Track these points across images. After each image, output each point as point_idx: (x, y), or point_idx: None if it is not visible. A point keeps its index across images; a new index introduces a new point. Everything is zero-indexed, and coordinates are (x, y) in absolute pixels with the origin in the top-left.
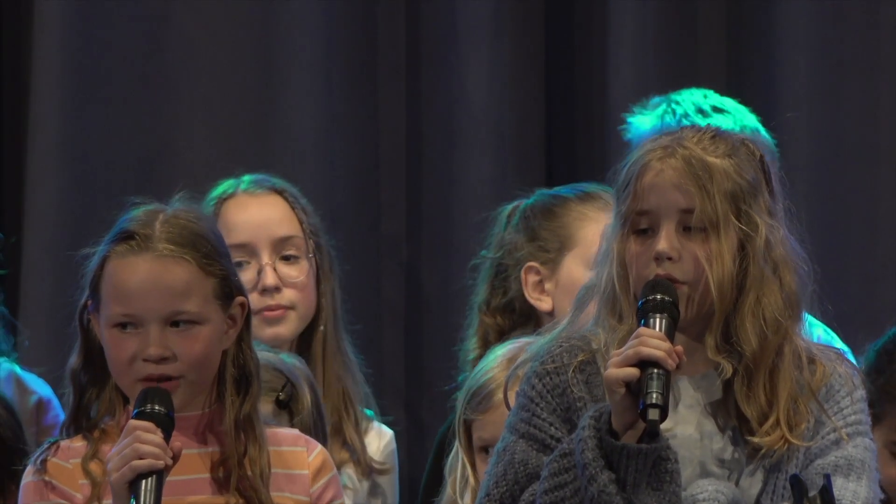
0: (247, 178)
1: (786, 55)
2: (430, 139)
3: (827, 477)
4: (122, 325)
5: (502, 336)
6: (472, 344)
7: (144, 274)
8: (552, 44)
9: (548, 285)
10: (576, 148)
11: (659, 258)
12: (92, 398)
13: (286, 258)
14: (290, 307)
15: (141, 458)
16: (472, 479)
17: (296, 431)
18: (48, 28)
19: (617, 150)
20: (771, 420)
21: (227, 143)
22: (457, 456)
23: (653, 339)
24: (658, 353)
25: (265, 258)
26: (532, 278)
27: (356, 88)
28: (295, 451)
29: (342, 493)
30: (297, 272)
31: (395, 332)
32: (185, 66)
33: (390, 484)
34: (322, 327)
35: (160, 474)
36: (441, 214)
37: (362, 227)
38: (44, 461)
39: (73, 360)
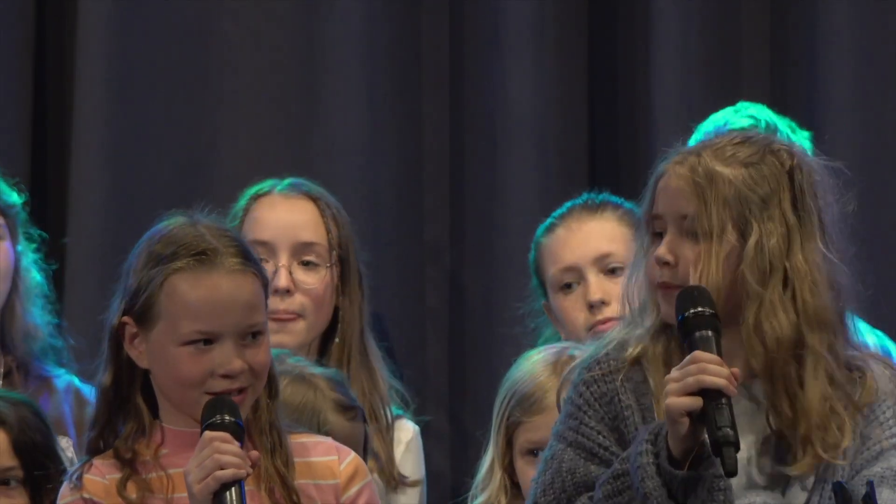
0: (288, 180)
1: (830, 67)
2: (473, 146)
3: (870, 484)
4: (198, 342)
5: None
6: None
7: (224, 290)
8: (596, 51)
9: None
10: (619, 155)
11: (658, 262)
12: (120, 417)
13: (305, 264)
14: (300, 314)
15: (222, 469)
16: (506, 482)
17: (329, 440)
18: (91, 37)
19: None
20: (800, 440)
21: (270, 151)
22: (492, 462)
23: (712, 366)
24: (721, 382)
25: (282, 260)
26: None
27: (399, 95)
28: (325, 461)
29: (378, 500)
30: (314, 280)
31: (438, 339)
32: (229, 74)
33: (415, 499)
34: (338, 340)
35: (241, 484)
36: (484, 222)
37: (405, 234)
38: (79, 478)
39: (104, 378)
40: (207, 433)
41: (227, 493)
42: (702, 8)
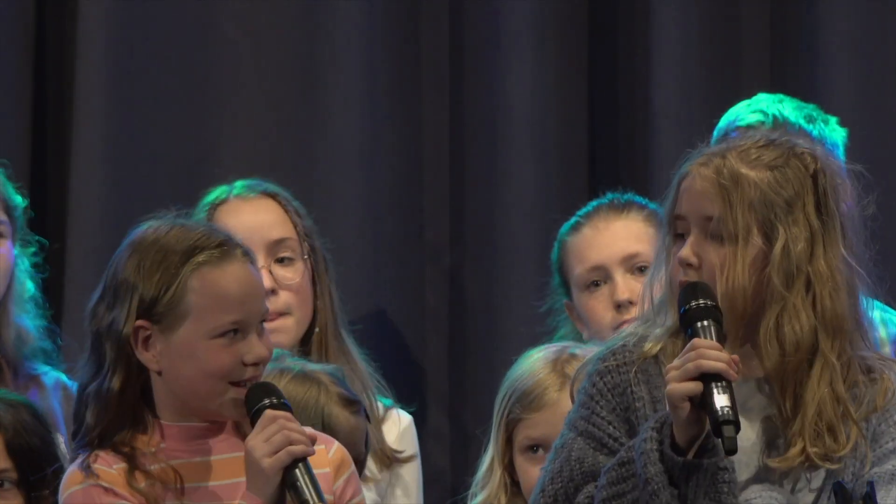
0: (239, 183)
1: (829, 65)
2: (473, 146)
3: (870, 484)
4: (229, 332)
5: None
6: None
7: (246, 279)
8: (595, 50)
9: None
10: (619, 154)
11: (681, 264)
12: (123, 419)
13: (281, 260)
14: (286, 312)
15: (293, 444)
16: (506, 480)
17: (308, 428)
18: (92, 36)
19: (660, 157)
20: (790, 437)
21: (270, 151)
22: (492, 460)
23: (711, 351)
24: (720, 366)
25: (260, 261)
26: None
27: (399, 95)
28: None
29: (361, 488)
30: (293, 274)
31: (438, 338)
32: (229, 75)
33: (412, 473)
34: (318, 329)
35: (307, 462)
36: (484, 221)
37: (405, 233)
38: (88, 466)
39: (111, 384)
40: (270, 412)
41: (298, 469)
42: (702, 8)
